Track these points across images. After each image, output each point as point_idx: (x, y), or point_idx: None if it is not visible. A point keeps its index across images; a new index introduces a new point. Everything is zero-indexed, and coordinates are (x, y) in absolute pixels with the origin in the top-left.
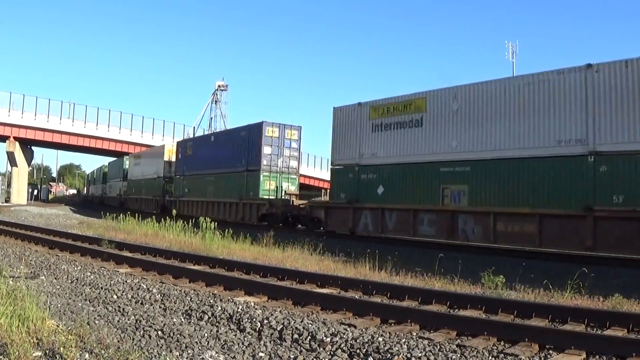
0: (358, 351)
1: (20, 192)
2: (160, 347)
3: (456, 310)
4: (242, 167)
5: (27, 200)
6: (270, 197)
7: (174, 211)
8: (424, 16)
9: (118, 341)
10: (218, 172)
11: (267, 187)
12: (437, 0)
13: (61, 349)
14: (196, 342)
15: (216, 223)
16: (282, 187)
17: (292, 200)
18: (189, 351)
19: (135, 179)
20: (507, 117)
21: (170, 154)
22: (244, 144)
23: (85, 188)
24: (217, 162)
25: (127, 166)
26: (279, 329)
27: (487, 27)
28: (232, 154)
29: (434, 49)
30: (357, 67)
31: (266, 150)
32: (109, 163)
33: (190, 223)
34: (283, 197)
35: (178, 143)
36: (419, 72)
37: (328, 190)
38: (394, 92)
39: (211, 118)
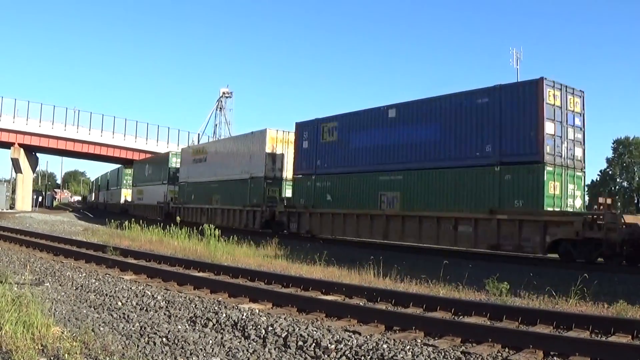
0: (362, 358)
1: (24, 199)
2: (165, 354)
3: (461, 317)
4: None
5: (32, 206)
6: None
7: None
8: (430, 22)
9: (123, 348)
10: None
11: None
12: (443, 7)
13: (66, 355)
14: (201, 349)
15: (220, 230)
16: None
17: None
18: (193, 358)
19: (198, 181)
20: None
21: (279, 144)
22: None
23: (93, 194)
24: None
25: (175, 164)
26: (283, 335)
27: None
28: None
29: (439, 54)
30: (360, 72)
31: None
32: (135, 163)
33: (195, 230)
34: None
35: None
36: (422, 75)
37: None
38: (399, 96)
39: (216, 125)
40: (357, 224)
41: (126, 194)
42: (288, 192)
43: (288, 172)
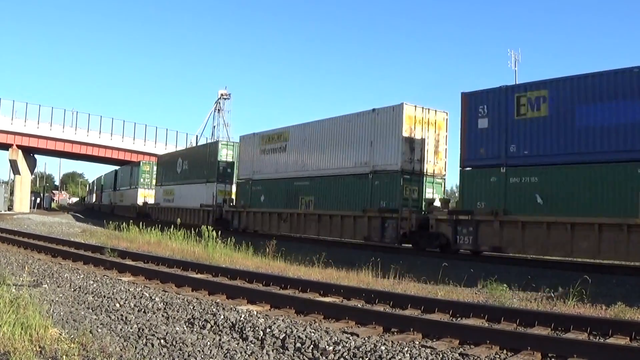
0: None
1: (23, 200)
2: (163, 356)
3: (459, 319)
4: None
5: (30, 208)
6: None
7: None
8: (429, 23)
9: (120, 350)
10: None
11: None
12: (442, 8)
13: (64, 357)
14: (199, 351)
15: (219, 232)
16: None
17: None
18: (191, 359)
19: (271, 177)
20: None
21: (417, 126)
22: None
23: (94, 195)
24: None
25: (225, 157)
26: (281, 337)
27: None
28: None
29: (438, 55)
30: (359, 74)
31: None
32: (160, 157)
33: (193, 232)
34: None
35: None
36: (422, 76)
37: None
38: (397, 97)
39: (214, 126)
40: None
41: (145, 195)
42: (428, 192)
43: (428, 163)
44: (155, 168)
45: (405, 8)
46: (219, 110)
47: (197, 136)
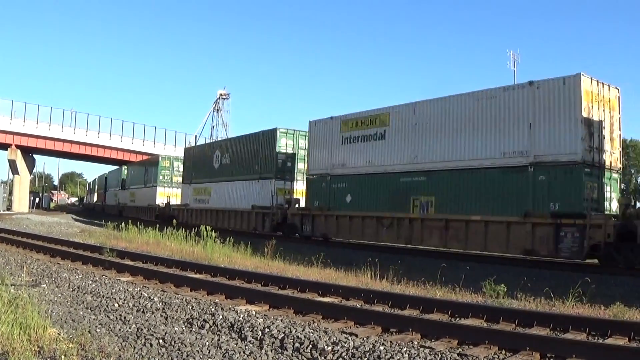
0: None
1: (21, 200)
2: (162, 356)
3: (457, 319)
4: None
5: (29, 208)
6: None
7: None
8: (427, 24)
9: (119, 350)
10: None
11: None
12: (440, 8)
13: (62, 357)
14: (197, 351)
15: (218, 232)
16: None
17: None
18: (190, 359)
19: (360, 172)
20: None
21: (594, 104)
22: None
23: (95, 195)
24: None
25: (285, 148)
26: (280, 337)
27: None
28: None
29: (436, 56)
30: (358, 74)
31: None
32: (187, 150)
33: (192, 232)
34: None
35: None
36: (420, 78)
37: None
38: (398, 97)
39: (213, 126)
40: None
41: (167, 195)
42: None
43: (605, 153)
44: (176, 164)
45: (405, 8)
46: (218, 110)
47: (196, 136)
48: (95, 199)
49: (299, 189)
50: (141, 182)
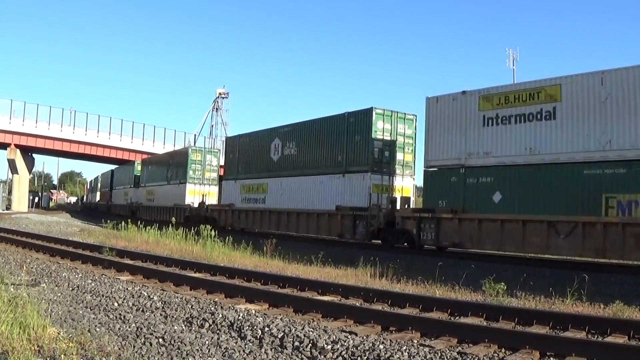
0: (359, 359)
1: (21, 200)
2: (161, 355)
3: (457, 318)
4: None
5: (28, 207)
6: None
7: None
8: (425, 23)
9: (119, 349)
10: None
11: None
12: (439, 8)
13: (62, 356)
14: (197, 350)
15: (217, 231)
16: None
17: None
18: (189, 358)
19: (519, 163)
20: None
21: None
22: None
23: (97, 194)
24: None
25: (381, 134)
26: (279, 336)
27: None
28: None
29: (435, 55)
30: (357, 72)
31: None
32: (231, 140)
33: (192, 231)
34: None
35: None
36: (420, 77)
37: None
38: (398, 96)
39: (212, 126)
40: None
41: (199, 193)
42: None
43: None
44: (209, 157)
45: (405, 7)
46: (217, 109)
47: (195, 135)
48: (97, 198)
49: (398, 184)
50: (162, 178)
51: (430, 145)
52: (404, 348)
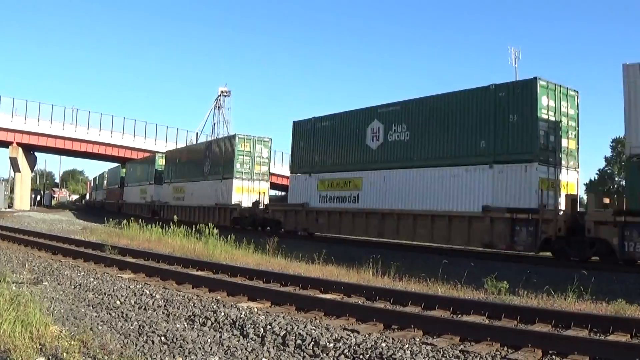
0: (361, 357)
1: (23, 198)
2: (164, 353)
3: (459, 316)
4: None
5: (30, 206)
6: None
7: None
8: (425, 21)
9: (121, 347)
10: None
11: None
12: (438, 6)
13: (64, 354)
14: (199, 348)
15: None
16: None
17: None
18: (192, 357)
19: None
20: None
21: None
22: None
23: (104, 192)
24: None
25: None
26: (282, 334)
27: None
28: None
29: (435, 53)
30: (358, 71)
31: None
32: (302, 124)
33: (194, 229)
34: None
35: None
36: (419, 75)
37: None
38: (398, 95)
39: (214, 124)
40: None
41: (250, 190)
42: None
43: None
44: (259, 147)
45: (405, 6)
46: (219, 107)
47: (197, 133)
48: (103, 196)
49: (562, 179)
50: (197, 173)
51: (636, 124)
52: (407, 346)
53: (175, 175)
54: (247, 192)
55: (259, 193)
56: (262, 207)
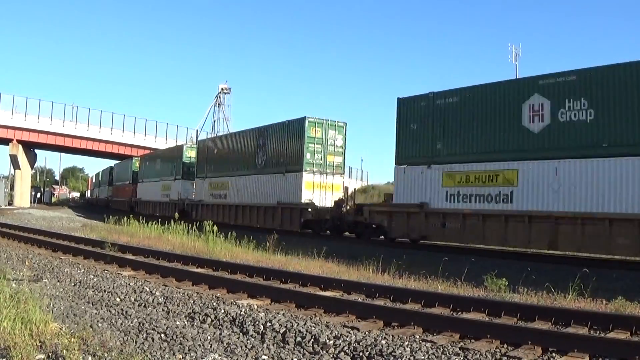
0: (361, 354)
1: (23, 195)
2: (163, 350)
3: (459, 313)
4: None
5: (30, 203)
6: None
7: None
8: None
9: (121, 344)
10: None
11: None
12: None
13: (64, 351)
14: (199, 345)
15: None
16: None
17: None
18: (192, 354)
19: None
20: None
21: None
22: None
23: (109, 189)
24: None
25: None
26: (282, 331)
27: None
28: None
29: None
30: (358, 68)
31: None
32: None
33: (194, 226)
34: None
35: None
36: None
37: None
38: (398, 93)
39: (214, 121)
40: None
41: (328, 187)
42: None
43: None
44: (331, 133)
45: (405, 3)
46: (219, 104)
47: (197, 130)
48: (108, 193)
49: None
50: (246, 166)
51: None
52: (406, 343)
53: (212, 169)
54: (318, 188)
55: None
56: (348, 207)
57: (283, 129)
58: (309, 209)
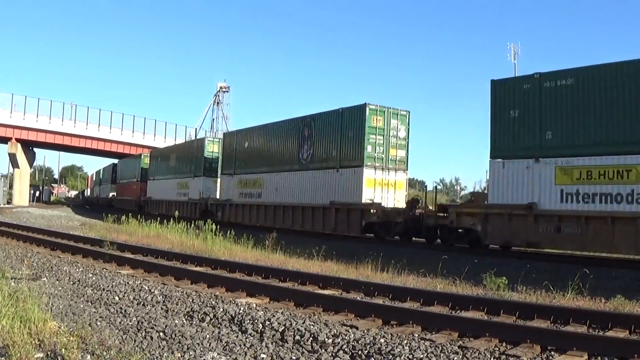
0: (360, 352)
1: (22, 194)
2: (162, 349)
3: (458, 312)
4: None
5: (29, 201)
6: None
7: None
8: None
9: (120, 342)
10: None
11: None
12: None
13: (63, 350)
14: (198, 344)
15: (218, 226)
16: None
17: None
18: (190, 352)
19: None
20: None
21: None
22: None
23: (114, 188)
24: None
25: None
26: (280, 330)
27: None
28: None
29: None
30: (358, 68)
31: None
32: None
33: (193, 225)
34: None
35: None
36: (420, 73)
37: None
38: (398, 92)
39: (213, 120)
40: None
41: (390, 185)
42: None
43: None
44: (394, 123)
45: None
46: (218, 103)
47: (196, 129)
48: (112, 192)
49: None
50: (286, 161)
51: None
52: (405, 342)
53: (242, 165)
54: (380, 186)
55: (395, 187)
56: (423, 208)
57: (337, 118)
58: (373, 210)
